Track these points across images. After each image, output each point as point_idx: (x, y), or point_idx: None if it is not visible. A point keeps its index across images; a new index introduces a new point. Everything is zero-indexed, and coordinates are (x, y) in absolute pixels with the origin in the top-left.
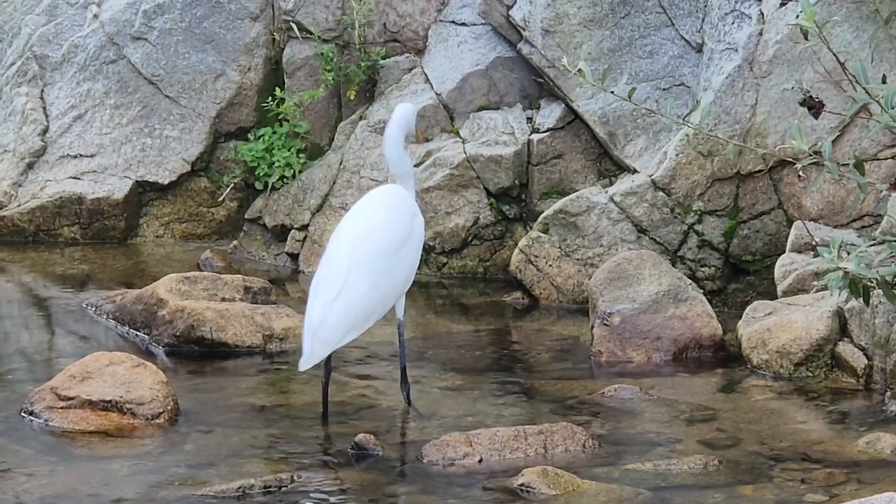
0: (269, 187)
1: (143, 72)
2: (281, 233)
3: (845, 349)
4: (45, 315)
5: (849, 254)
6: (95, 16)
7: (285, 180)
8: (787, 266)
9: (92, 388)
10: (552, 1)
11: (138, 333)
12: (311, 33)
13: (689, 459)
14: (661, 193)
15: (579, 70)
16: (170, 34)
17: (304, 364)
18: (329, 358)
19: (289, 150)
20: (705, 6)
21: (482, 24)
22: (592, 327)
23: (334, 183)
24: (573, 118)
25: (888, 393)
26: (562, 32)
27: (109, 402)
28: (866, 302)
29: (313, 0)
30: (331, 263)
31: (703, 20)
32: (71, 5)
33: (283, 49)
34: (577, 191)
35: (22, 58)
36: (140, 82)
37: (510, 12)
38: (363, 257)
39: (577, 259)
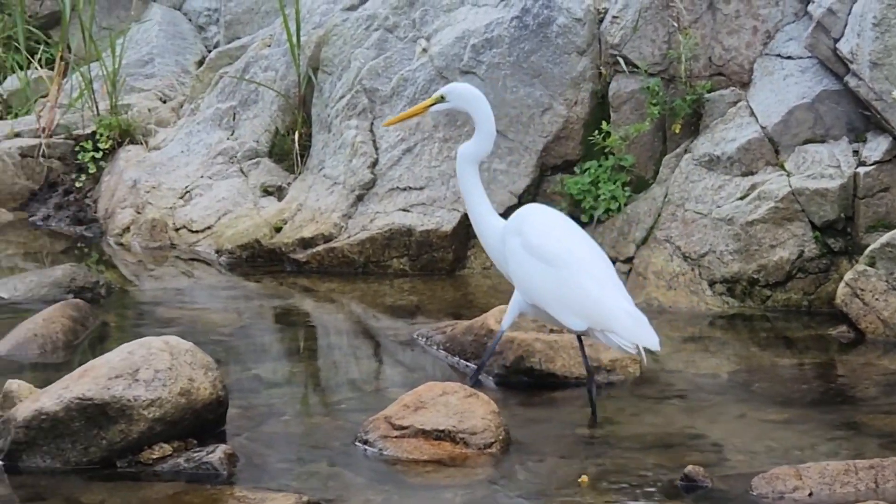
0: (595, 220)
1: None
2: None
3: None
4: (376, 345)
5: None
6: (424, 50)
7: (610, 213)
8: None
9: (425, 417)
10: (881, 34)
11: (468, 364)
12: (637, 67)
13: None
14: None
15: None
16: (498, 68)
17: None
18: None
19: (614, 184)
20: None
21: (808, 56)
22: None
23: (659, 216)
24: None
25: None
26: (890, 65)
27: (443, 431)
28: None
29: (640, 34)
30: (595, 267)
31: None
32: (400, 39)
33: (608, 83)
34: None
35: (352, 91)
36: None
37: (837, 45)
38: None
39: None
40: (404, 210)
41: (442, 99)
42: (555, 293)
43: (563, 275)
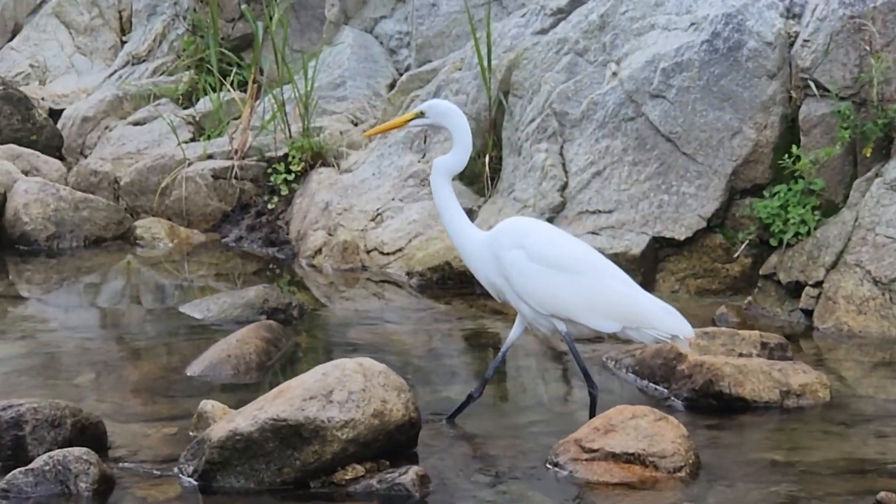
0: (784, 244)
1: (660, 129)
2: (795, 289)
3: None
4: (564, 367)
5: None
6: (614, 73)
7: (800, 237)
8: None
9: (615, 440)
10: None
11: (657, 387)
12: (828, 91)
13: None
14: None
15: None
16: (688, 92)
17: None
18: None
19: (804, 208)
20: None
21: None
22: None
23: (849, 240)
24: None
25: None
26: None
27: (632, 454)
28: None
29: (831, 58)
30: (612, 267)
31: None
32: (590, 63)
33: (798, 106)
34: None
35: (542, 114)
36: (658, 139)
37: None
38: None
39: None
40: (593, 233)
41: (422, 114)
42: (582, 299)
43: (587, 280)
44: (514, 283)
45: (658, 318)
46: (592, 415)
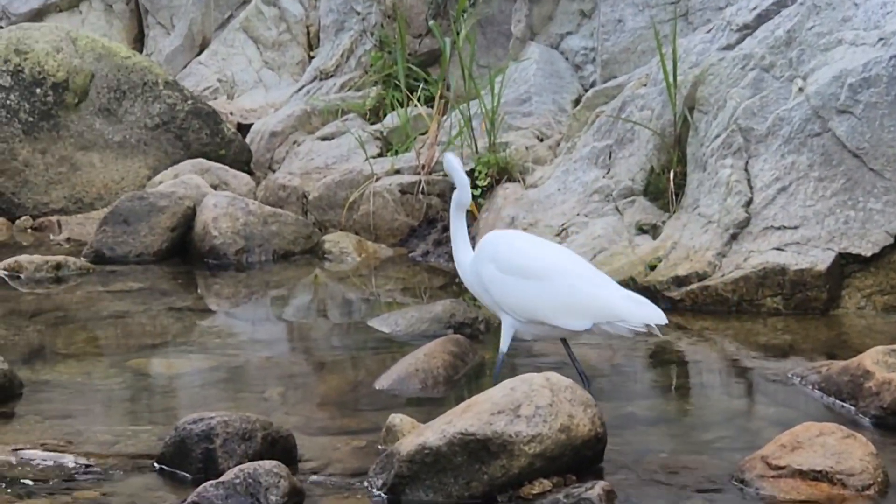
0: None
1: (847, 145)
2: None
3: None
4: (748, 383)
5: None
6: (801, 89)
7: None
8: None
9: (802, 457)
10: None
11: (843, 404)
12: None
13: None
14: None
15: None
16: (875, 107)
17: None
18: None
19: None
20: None
21: None
22: None
23: None
24: None
25: None
26: None
27: (820, 472)
28: None
29: None
30: (579, 268)
31: None
32: (776, 78)
33: None
34: None
35: (727, 130)
36: (844, 155)
37: None
38: None
39: None
40: (778, 249)
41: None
42: (553, 304)
43: (554, 285)
44: (492, 295)
45: (626, 311)
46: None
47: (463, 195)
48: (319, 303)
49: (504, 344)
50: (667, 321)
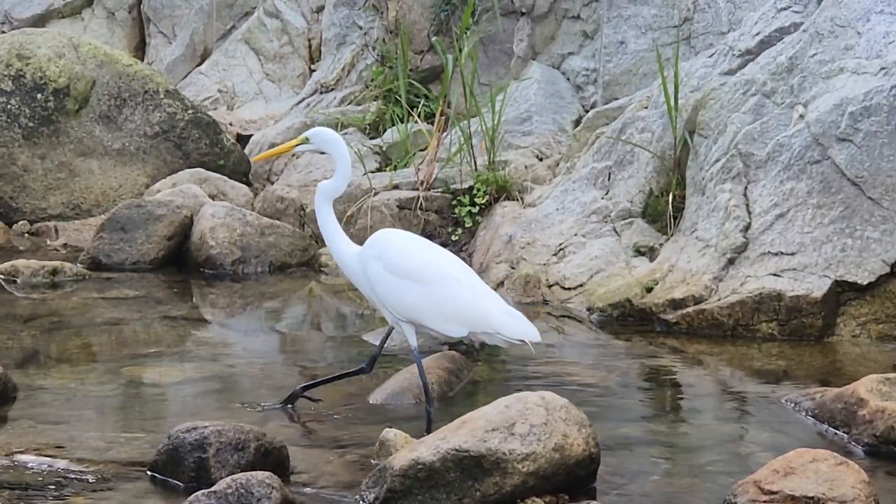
0: None
1: (846, 173)
2: None
3: None
4: (742, 408)
5: None
6: (802, 116)
7: None
8: None
9: (795, 483)
10: None
11: (837, 431)
12: None
13: None
14: None
15: None
16: (875, 136)
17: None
18: None
19: None
20: None
21: None
22: None
23: None
24: None
25: None
26: None
27: (812, 498)
28: None
29: None
30: (463, 276)
31: None
32: (777, 105)
33: None
34: None
35: (727, 155)
36: (843, 183)
37: None
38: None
39: None
40: (775, 275)
41: (306, 140)
42: (431, 308)
43: (436, 289)
44: (375, 291)
45: (503, 324)
46: (429, 431)
47: (337, 183)
48: (314, 316)
49: (412, 343)
50: (540, 339)
